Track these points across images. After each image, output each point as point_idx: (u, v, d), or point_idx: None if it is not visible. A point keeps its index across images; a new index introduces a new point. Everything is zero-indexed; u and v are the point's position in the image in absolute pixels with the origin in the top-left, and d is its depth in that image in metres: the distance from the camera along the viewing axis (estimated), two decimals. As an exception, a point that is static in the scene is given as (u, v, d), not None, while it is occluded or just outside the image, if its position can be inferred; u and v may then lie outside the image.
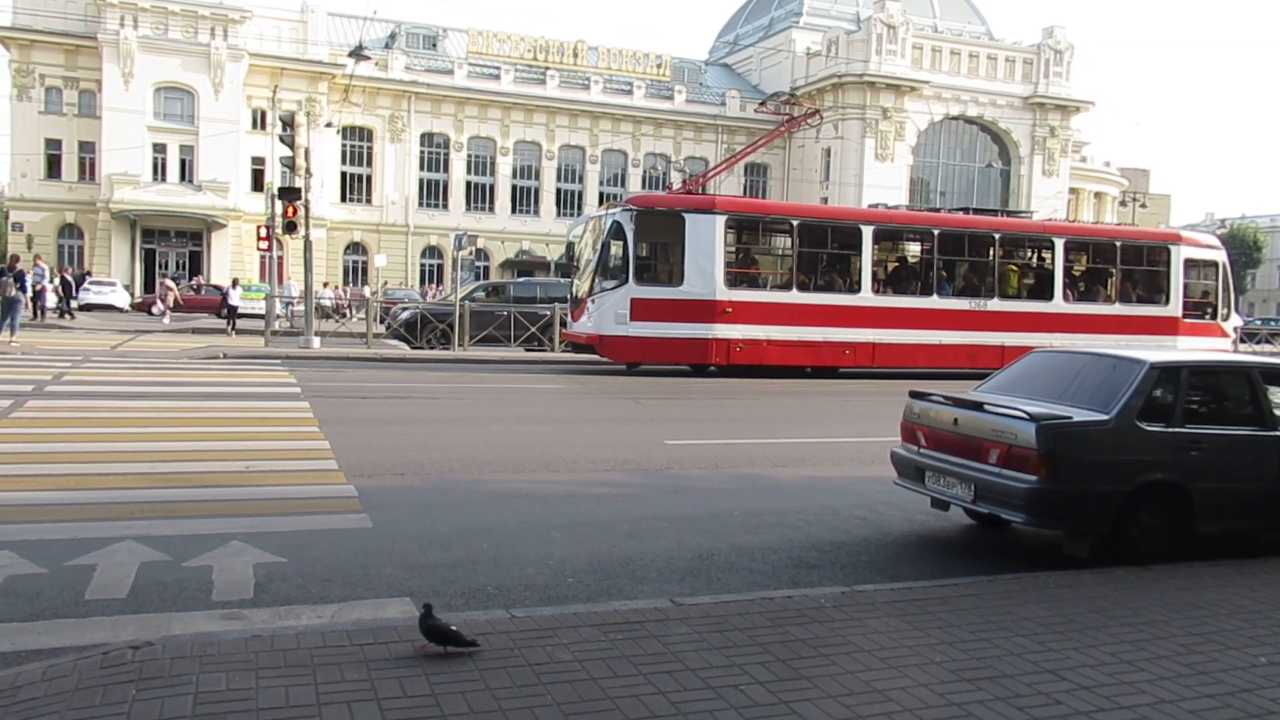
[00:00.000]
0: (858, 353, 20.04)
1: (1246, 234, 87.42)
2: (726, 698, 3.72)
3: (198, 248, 45.43)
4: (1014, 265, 22.01)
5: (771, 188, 58.47)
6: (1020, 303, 21.26)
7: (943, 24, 59.01)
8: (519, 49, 54.88)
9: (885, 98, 54.06)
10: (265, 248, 27.11)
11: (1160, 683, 4.05)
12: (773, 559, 6.15)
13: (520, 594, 5.26)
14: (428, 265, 53.05)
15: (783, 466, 9.50)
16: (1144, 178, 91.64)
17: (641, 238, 19.01)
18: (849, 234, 20.44)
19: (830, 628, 4.56)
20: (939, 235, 20.86)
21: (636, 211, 19.00)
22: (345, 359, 20.06)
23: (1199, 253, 23.24)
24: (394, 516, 6.79)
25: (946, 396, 6.76)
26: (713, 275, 18.87)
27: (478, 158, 54.03)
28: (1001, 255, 21.51)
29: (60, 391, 12.63)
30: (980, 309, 20.82)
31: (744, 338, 19.04)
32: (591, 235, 20.13)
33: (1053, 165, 58.43)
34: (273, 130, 38.12)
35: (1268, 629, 4.82)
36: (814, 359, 19.77)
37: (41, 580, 5.15)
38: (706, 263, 18.91)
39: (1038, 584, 5.44)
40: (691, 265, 18.90)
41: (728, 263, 19.36)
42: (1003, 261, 21.53)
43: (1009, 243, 21.87)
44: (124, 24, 43.18)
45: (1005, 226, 22.16)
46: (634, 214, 18.87)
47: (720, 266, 19.06)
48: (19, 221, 44.70)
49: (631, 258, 18.74)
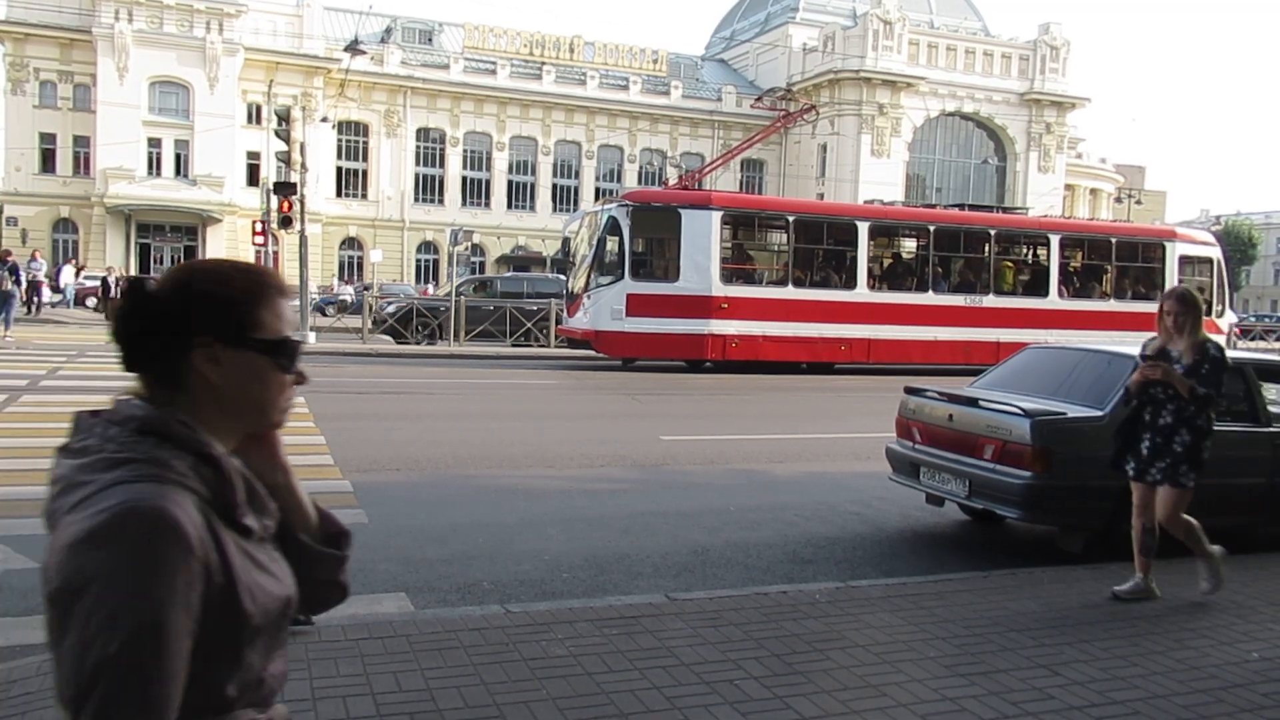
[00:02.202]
0: (853, 349, 20.05)
1: (1241, 230, 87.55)
2: (721, 692, 3.73)
3: (192, 242, 45.28)
4: (1009, 261, 22.04)
5: (768, 183, 58.42)
6: (1015, 299, 21.30)
7: (939, 20, 58.94)
8: (515, 44, 54.74)
9: (881, 94, 54.01)
10: (260, 243, 27.05)
11: (1153, 677, 4.07)
12: (768, 554, 6.16)
13: (516, 589, 5.27)
14: (423, 261, 52.95)
15: (778, 462, 9.51)
16: (1140, 174, 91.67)
17: (637, 233, 19.00)
18: (845, 230, 20.45)
19: (825, 623, 4.57)
20: (934, 231, 20.87)
21: (632, 207, 18.99)
22: (341, 354, 20.03)
23: (1194, 249, 23.27)
24: (390, 512, 6.79)
25: (942, 392, 6.78)
26: (708, 271, 18.85)
27: (474, 153, 53.90)
28: (997, 251, 21.53)
29: (55, 386, 12.61)
30: (975, 305, 20.84)
31: (740, 333, 19.04)
32: (587, 231, 20.13)
33: (1048, 161, 58.44)
34: (268, 125, 37.99)
35: (1260, 624, 4.85)
36: (809, 355, 19.78)
37: (36, 575, 5.13)
38: (702, 258, 18.89)
39: (1032, 579, 5.46)
40: (687, 261, 18.89)
41: (723, 258, 19.36)
42: (998, 258, 21.55)
43: (1004, 239, 21.89)
44: (119, 18, 43.00)
45: (1000, 223, 22.18)
46: (630, 209, 18.86)
47: (716, 262, 19.05)
48: (13, 216, 44.53)
49: (627, 253, 18.72)
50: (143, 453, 1.20)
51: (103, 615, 1.09)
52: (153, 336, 1.25)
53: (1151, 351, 5.17)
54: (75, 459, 1.22)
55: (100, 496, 1.15)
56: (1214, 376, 4.98)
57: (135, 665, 1.09)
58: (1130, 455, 5.16)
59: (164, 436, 1.22)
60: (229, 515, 1.24)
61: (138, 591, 1.10)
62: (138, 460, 1.18)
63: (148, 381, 1.28)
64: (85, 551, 1.11)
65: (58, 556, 1.14)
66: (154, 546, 1.11)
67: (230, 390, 1.28)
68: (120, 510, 1.12)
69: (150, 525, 1.12)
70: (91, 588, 1.10)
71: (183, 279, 1.29)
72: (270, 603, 1.26)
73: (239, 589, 1.20)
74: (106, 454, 1.20)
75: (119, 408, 1.25)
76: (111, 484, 1.16)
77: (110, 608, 1.09)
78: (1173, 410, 5.01)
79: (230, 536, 1.23)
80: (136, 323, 1.26)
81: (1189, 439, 4.99)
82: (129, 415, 1.23)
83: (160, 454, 1.20)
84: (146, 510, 1.13)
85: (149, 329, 1.25)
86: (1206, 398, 4.96)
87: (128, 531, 1.11)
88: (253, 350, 1.28)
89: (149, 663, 1.10)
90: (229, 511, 1.24)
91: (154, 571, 1.11)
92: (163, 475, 1.18)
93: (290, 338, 1.33)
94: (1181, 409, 4.99)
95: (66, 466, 1.23)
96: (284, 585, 1.30)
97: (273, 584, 1.27)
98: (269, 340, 1.30)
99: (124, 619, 1.09)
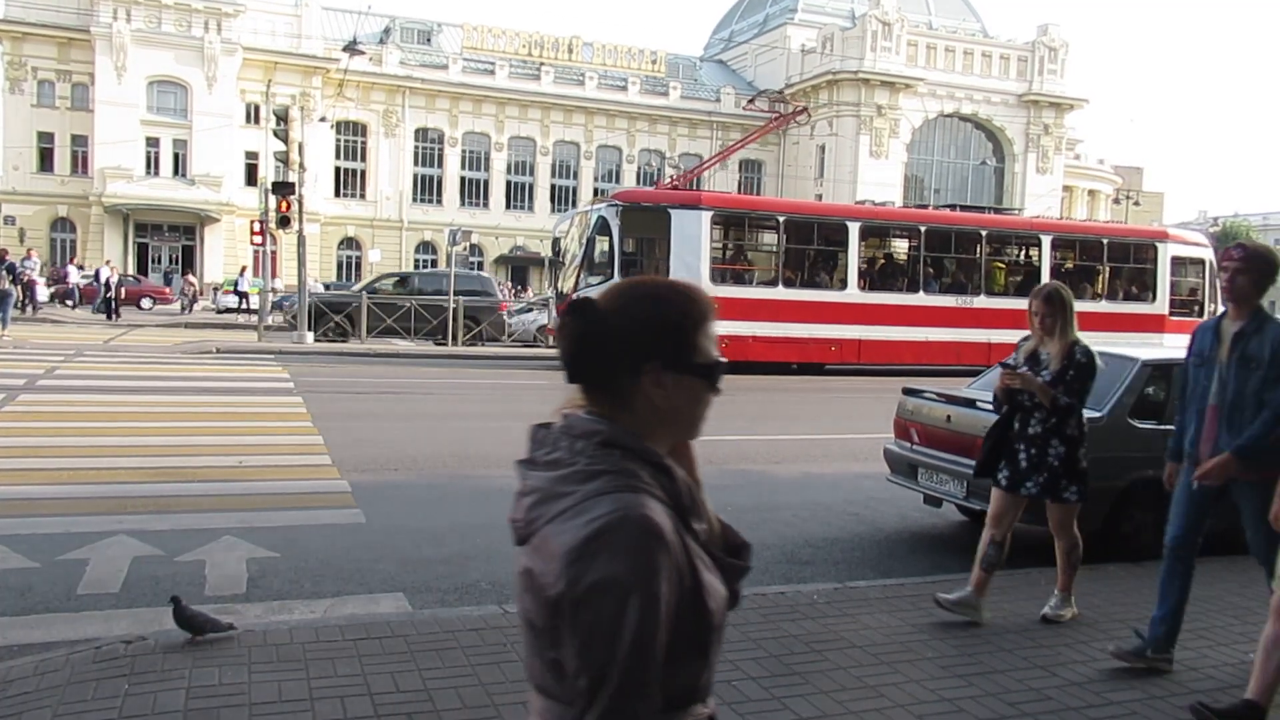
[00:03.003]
0: (843, 349, 20.01)
1: (1239, 232, 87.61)
2: (719, 693, 3.70)
3: (190, 242, 45.25)
4: (1000, 262, 21.99)
5: (766, 184, 58.42)
6: (1006, 299, 21.14)
7: (938, 21, 58.96)
8: (514, 44, 54.73)
9: (880, 95, 54.03)
10: (259, 242, 26.99)
11: (1150, 679, 4.07)
12: (766, 555, 6.16)
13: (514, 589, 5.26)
14: (422, 261, 52.89)
15: (776, 463, 9.51)
16: (1138, 175, 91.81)
17: (627, 233, 18.91)
18: (835, 230, 20.39)
19: (823, 623, 4.57)
20: (925, 232, 20.83)
21: (622, 207, 18.91)
22: (339, 354, 20.02)
23: (1186, 250, 23.26)
24: (387, 511, 6.79)
25: (940, 394, 6.78)
26: (698, 271, 18.71)
27: (472, 153, 53.87)
28: (988, 252, 21.47)
29: (52, 385, 12.59)
30: (967, 306, 20.76)
31: (729, 334, 18.90)
32: (577, 231, 20.03)
33: (1047, 163, 58.47)
34: (267, 125, 37.99)
35: (1257, 625, 4.84)
36: (800, 355, 19.69)
37: (34, 574, 5.14)
38: (692, 258, 18.79)
39: (1029, 580, 5.46)
40: (677, 261, 18.76)
41: (713, 259, 19.30)
42: (989, 258, 21.49)
43: (995, 239, 21.84)
44: (117, 17, 42.95)
45: (992, 224, 22.14)
46: (619, 209, 18.78)
47: (706, 262, 18.96)
48: (11, 215, 44.48)
49: (617, 253, 18.60)
50: (614, 465, 1.29)
51: (612, 613, 1.19)
52: (606, 359, 1.34)
53: (1024, 354, 4.81)
54: (549, 471, 1.32)
55: (588, 505, 1.25)
56: (1079, 384, 4.60)
57: (640, 658, 1.19)
58: (1006, 464, 4.76)
59: (626, 449, 1.31)
60: (684, 521, 1.32)
61: (639, 591, 1.19)
62: (612, 472, 1.28)
63: (594, 396, 1.36)
64: (589, 556, 1.21)
65: (557, 562, 1.23)
66: (648, 550, 1.21)
67: (671, 410, 1.36)
68: (614, 518, 1.22)
69: (643, 531, 1.22)
70: (601, 588, 1.19)
71: (633, 302, 1.37)
72: (722, 603, 1.34)
73: (703, 589, 1.29)
74: (581, 466, 1.29)
75: (574, 422, 1.34)
76: (596, 494, 1.26)
77: (619, 606, 1.19)
78: (1040, 419, 4.65)
79: (689, 540, 1.31)
80: (591, 345, 1.34)
81: (1063, 450, 4.63)
82: (591, 430, 1.32)
83: (628, 465, 1.30)
84: (637, 517, 1.22)
85: (603, 352, 1.34)
86: (1069, 408, 4.59)
87: (625, 537, 1.21)
88: (693, 375, 1.36)
89: (650, 656, 1.20)
90: (684, 517, 1.32)
91: (652, 572, 1.20)
92: (636, 485, 1.28)
93: (720, 360, 1.40)
94: (1048, 418, 4.62)
95: (541, 478, 1.33)
96: (722, 586, 1.36)
97: (719, 585, 1.34)
98: (707, 365, 1.37)
99: (631, 616, 1.18)
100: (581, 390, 1.36)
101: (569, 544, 1.22)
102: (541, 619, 1.26)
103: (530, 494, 1.32)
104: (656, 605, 1.20)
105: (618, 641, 1.18)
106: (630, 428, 1.33)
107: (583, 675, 1.21)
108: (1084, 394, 4.68)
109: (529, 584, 1.28)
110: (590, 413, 1.35)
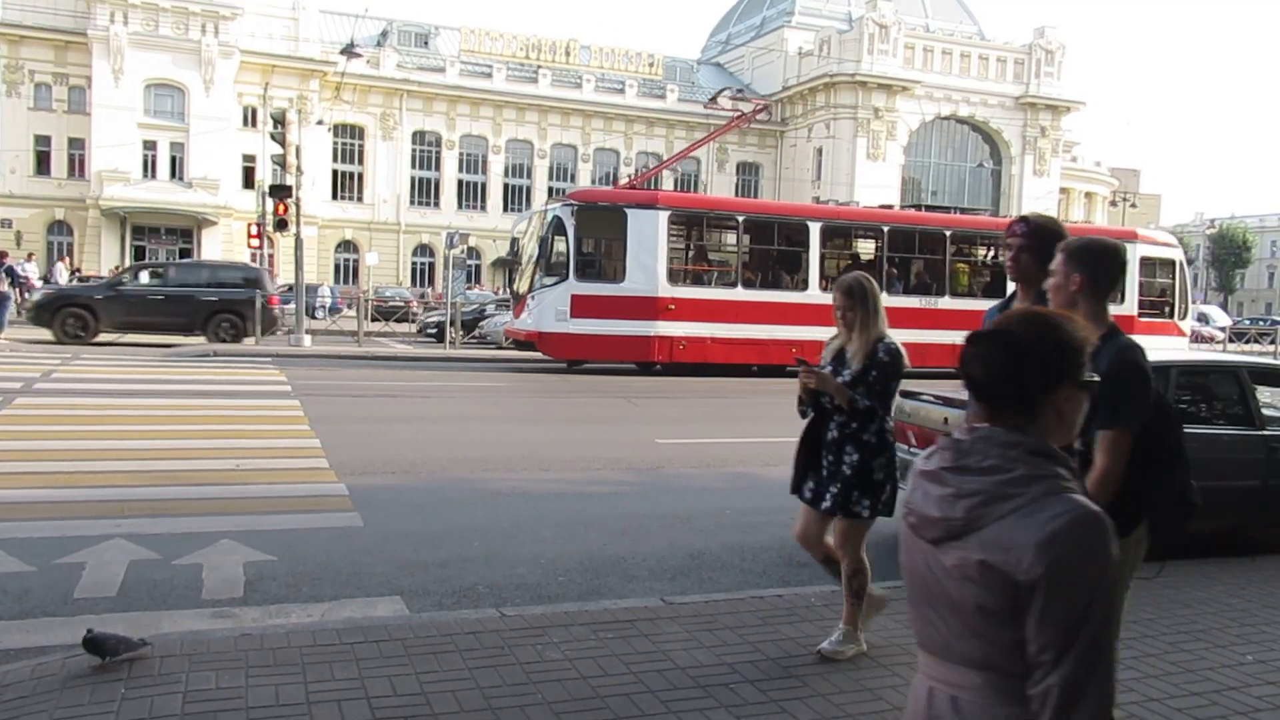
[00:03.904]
0: (805, 351, 19.76)
1: (1235, 234, 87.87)
2: (717, 696, 3.72)
3: (188, 245, 45.18)
4: (965, 263, 21.89)
5: (763, 187, 58.45)
6: (972, 300, 20.88)
7: (934, 24, 59.06)
8: (511, 47, 54.75)
9: (877, 97, 54.08)
10: (256, 245, 27.03)
11: (1148, 680, 4.07)
12: (764, 558, 6.16)
13: (511, 593, 5.26)
14: (419, 264, 52.92)
15: (774, 465, 9.50)
16: (1134, 178, 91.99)
17: (583, 233, 18.68)
18: (796, 231, 20.21)
19: (820, 626, 4.57)
20: (889, 232, 20.68)
21: (577, 206, 18.75)
22: (337, 357, 20.01)
23: (1155, 251, 23.20)
24: (385, 515, 6.78)
25: (937, 396, 6.78)
26: (655, 271, 18.56)
27: (470, 156, 53.87)
28: (953, 253, 21.33)
29: (49, 389, 12.57)
30: (931, 307, 20.56)
31: (687, 335, 18.73)
32: (535, 230, 19.83)
33: (1043, 165, 58.54)
34: (264, 128, 37.89)
35: (1254, 627, 4.85)
36: (760, 357, 19.30)
37: (30, 578, 5.13)
38: (649, 259, 18.60)
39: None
40: (634, 261, 18.59)
41: (671, 259, 19.11)
42: (954, 259, 21.36)
43: (960, 240, 21.70)
44: (114, 20, 42.91)
45: (956, 224, 21.99)
46: (575, 209, 18.62)
47: (663, 263, 18.77)
48: (7, 218, 44.41)
49: (573, 253, 18.41)
50: (1047, 470, 1.53)
51: (1091, 587, 1.45)
52: (1032, 379, 1.58)
53: (830, 353, 4.37)
54: (988, 476, 1.54)
55: (1045, 504, 1.49)
56: (881, 385, 4.11)
57: (1112, 622, 1.49)
58: (811, 474, 4.26)
59: (1050, 455, 1.55)
60: None
61: (1108, 574, 1.46)
62: (1049, 476, 1.53)
63: (1004, 410, 1.59)
64: (1062, 545, 1.45)
65: (1029, 551, 1.46)
66: (1109, 540, 1.48)
67: (1066, 420, 1.62)
68: (1076, 515, 1.47)
69: (1102, 525, 1.48)
70: (1079, 569, 1.45)
71: (1048, 330, 1.60)
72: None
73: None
74: (1022, 471, 1.53)
75: (995, 434, 1.58)
76: (1046, 494, 1.50)
77: (1094, 586, 1.45)
78: (839, 423, 4.16)
79: None
80: (1013, 370, 1.57)
81: (856, 458, 4.11)
82: (1013, 441, 1.56)
83: (1057, 470, 1.54)
84: (1095, 514, 1.48)
85: (1031, 373, 1.57)
86: (868, 411, 4.08)
87: (1090, 530, 1.46)
88: (1085, 389, 1.63)
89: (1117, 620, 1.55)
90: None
91: (1112, 559, 1.47)
92: (1070, 486, 1.53)
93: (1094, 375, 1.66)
94: (845, 422, 4.14)
95: (983, 481, 1.54)
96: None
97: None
98: (1092, 380, 1.64)
99: (1103, 595, 1.45)
100: (988, 406, 1.60)
101: (1040, 536, 1.45)
102: (999, 602, 1.48)
103: (972, 495, 1.53)
104: (1118, 579, 1.50)
105: (1094, 610, 1.43)
106: (1037, 435, 1.57)
107: (1053, 645, 1.44)
108: (888, 396, 4.18)
109: (978, 574, 1.50)
110: (1004, 425, 1.58)
